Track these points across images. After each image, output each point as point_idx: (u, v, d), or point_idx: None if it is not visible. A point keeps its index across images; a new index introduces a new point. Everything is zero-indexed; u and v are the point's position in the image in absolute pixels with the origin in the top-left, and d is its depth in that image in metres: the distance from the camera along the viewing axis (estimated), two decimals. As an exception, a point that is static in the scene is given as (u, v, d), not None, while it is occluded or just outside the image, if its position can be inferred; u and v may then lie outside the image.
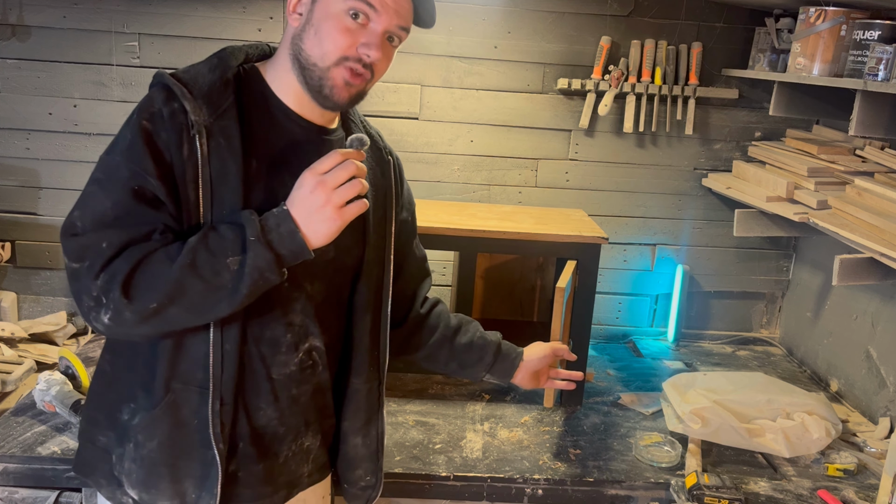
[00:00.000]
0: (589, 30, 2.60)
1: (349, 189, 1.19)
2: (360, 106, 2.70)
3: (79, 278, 1.15)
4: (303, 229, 1.18)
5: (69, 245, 1.16)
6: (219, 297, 1.17)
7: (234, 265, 1.15)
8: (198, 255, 1.14)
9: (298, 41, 1.24)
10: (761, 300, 2.90)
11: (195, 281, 1.14)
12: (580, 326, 2.20)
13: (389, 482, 1.88)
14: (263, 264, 1.16)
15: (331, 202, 1.18)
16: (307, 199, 1.18)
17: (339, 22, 1.20)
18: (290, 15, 1.25)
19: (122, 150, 1.17)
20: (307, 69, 1.23)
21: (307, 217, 1.18)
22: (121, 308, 1.13)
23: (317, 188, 1.18)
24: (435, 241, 2.15)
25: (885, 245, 1.85)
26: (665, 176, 2.74)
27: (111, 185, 1.17)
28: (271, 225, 1.18)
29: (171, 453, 1.28)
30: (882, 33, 1.88)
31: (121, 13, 2.50)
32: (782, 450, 2.00)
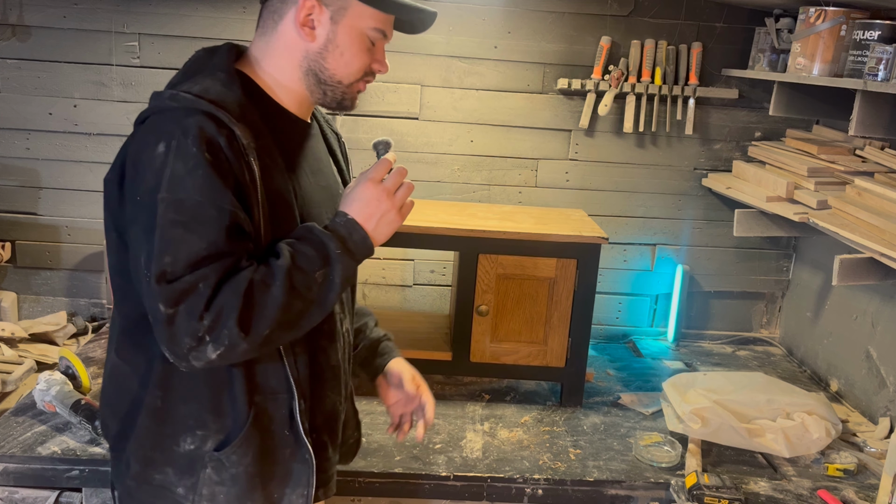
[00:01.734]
0: (589, 30, 2.60)
1: (405, 192, 1.30)
2: (361, 106, 2.72)
3: (174, 322, 1.14)
4: (371, 234, 1.27)
5: (165, 292, 1.14)
6: (313, 311, 1.23)
7: (321, 278, 1.21)
8: (294, 276, 1.19)
9: (319, 59, 1.29)
10: (761, 300, 2.90)
11: (296, 301, 1.19)
12: (580, 326, 2.20)
13: (389, 482, 1.88)
14: (351, 273, 1.26)
15: (394, 207, 1.28)
16: (372, 206, 1.27)
17: (365, 43, 1.30)
18: (301, 28, 1.26)
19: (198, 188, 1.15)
20: (330, 86, 1.31)
21: (374, 223, 1.27)
22: (236, 342, 1.15)
23: (381, 196, 1.27)
24: (435, 241, 2.16)
25: (885, 245, 1.85)
26: (665, 176, 2.74)
27: (200, 226, 1.15)
28: (345, 235, 1.25)
29: (267, 464, 1.32)
30: (882, 33, 1.88)
31: (121, 13, 2.50)
32: (782, 450, 2.00)
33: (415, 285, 2.78)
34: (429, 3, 2.74)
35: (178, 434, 1.29)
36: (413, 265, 2.76)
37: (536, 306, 2.19)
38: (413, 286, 2.78)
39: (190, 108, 1.18)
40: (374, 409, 2.18)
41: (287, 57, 1.29)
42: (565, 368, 2.24)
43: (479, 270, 2.16)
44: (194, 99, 1.19)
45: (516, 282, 2.17)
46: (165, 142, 1.16)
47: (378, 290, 2.77)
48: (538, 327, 2.21)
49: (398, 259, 2.74)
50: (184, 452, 1.29)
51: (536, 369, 2.24)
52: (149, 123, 1.21)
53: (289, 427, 1.32)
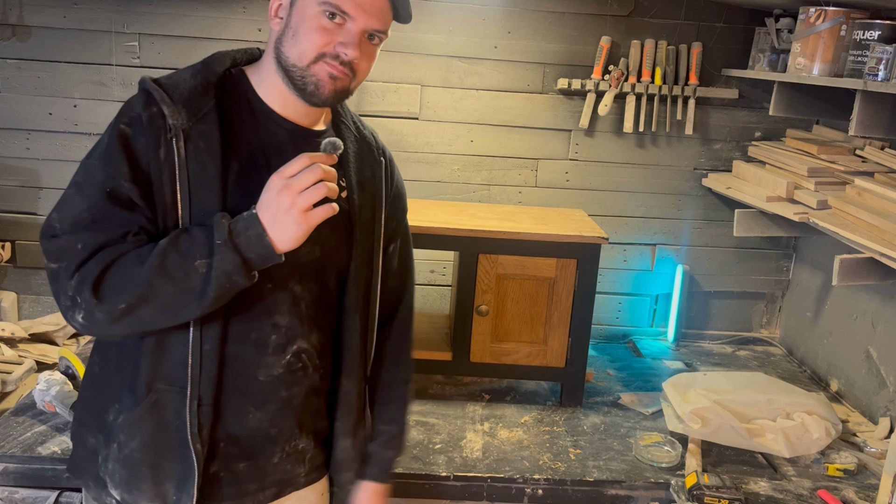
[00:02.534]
0: (589, 30, 2.60)
1: (314, 193, 1.17)
2: (361, 106, 2.71)
3: (57, 279, 1.18)
4: (269, 233, 1.17)
5: (48, 246, 1.20)
6: (188, 300, 1.17)
7: (202, 268, 1.16)
8: (168, 256, 1.16)
9: (279, 45, 1.26)
10: (761, 300, 2.90)
11: (164, 282, 1.16)
12: (580, 326, 2.20)
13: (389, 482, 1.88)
14: (230, 267, 1.16)
15: (296, 206, 1.16)
16: (273, 202, 1.17)
17: (316, 22, 1.22)
18: (272, 20, 1.27)
19: (100, 154, 1.21)
20: (289, 70, 1.25)
21: (273, 220, 1.17)
22: (91, 308, 1.16)
23: (282, 191, 1.17)
24: (435, 241, 2.15)
25: (885, 245, 1.85)
26: (665, 176, 2.74)
27: (88, 188, 1.20)
28: (240, 228, 1.17)
29: (153, 454, 1.28)
30: (882, 33, 1.88)
31: (121, 13, 2.50)
32: (782, 450, 2.00)
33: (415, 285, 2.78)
34: (428, 3, 2.74)
35: (107, 403, 1.31)
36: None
37: (536, 306, 2.19)
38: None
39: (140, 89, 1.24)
40: (374, 409, 2.18)
41: (268, 52, 1.29)
42: (565, 368, 2.24)
43: (479, 270, 2.16)
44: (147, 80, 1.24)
45: (516, 282, 2.17)
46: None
47: (378, 290, 2.77)
48: (538, 327, 2.21)
49: (398, 259, 2.74)
50: (108, 423, 1.30)
51: (536, 369, 2.24)
52: None
53: (182, 425, 1.25)
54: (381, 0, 1.25)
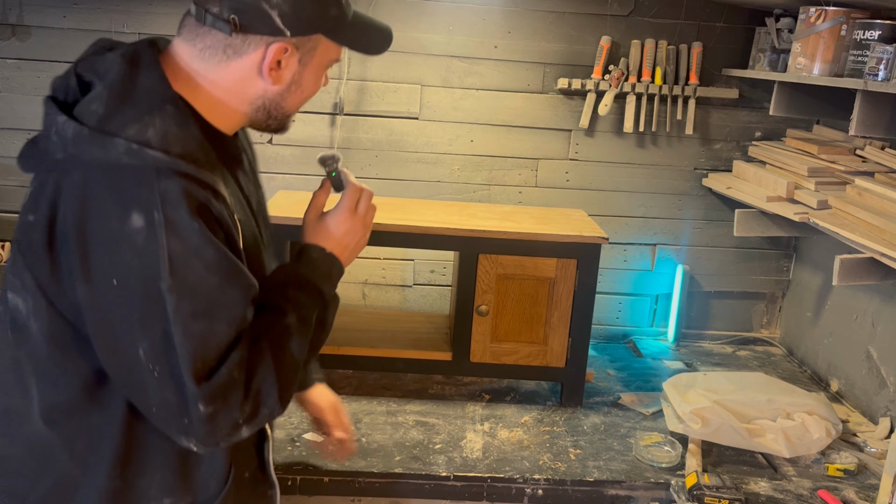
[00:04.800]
0: (589, 30, 2.60)
1: (373, 212, 1.30)
2: (361, 106, 2.71)
3: (215, 419, 1.03)
4: (342, 258, 1.26)
5: (203, 391, 1.01)
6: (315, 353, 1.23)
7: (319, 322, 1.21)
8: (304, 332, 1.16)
9: (278, 99, 1.15)
10: (761, 300, 2.90)
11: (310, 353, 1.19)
12: (580, 326, 2.20)
13: (389, 482, 1.88)
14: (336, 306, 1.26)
15: (368, 231, 1.30)
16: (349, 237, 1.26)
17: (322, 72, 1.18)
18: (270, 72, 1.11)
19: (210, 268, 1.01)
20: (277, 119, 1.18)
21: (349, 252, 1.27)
22: (274, 414, 1.10)
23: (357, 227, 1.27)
24: (435, 241, 2.15)
25: (886, 245, 1.85)
26: (665, 176, 2.74)
27: (225, 311, 1.04)
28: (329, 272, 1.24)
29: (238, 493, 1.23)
30: (882, 33, 1.88)
31: (121, 13, 2.50)
32: (782, 450, 2.00)
33: (415, 285, 2.78)
34: (428, 3, 2.75)
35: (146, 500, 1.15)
36: (413, 265, 2.76)
37: (536, 306, 2.19)
38: (413, 286, 2.78)
39: (160, 169, 0.99)
40: (373, 409, 2.18)
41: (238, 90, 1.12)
42: (565, 368, 2.24)
43: (479, 270, 2.16)
44: (164, 158, 0.99)
45: (516, 282, 2.17)
46: (142, 214, 0.97)
47: (378, 290, 2.77)
48: (538, 327, 2.21)
49: (398, 259, 2.74)
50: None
51: (536, 369, 2.24)
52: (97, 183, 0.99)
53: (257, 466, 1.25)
54: None
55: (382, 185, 2.67)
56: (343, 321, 2.43)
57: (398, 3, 2.54)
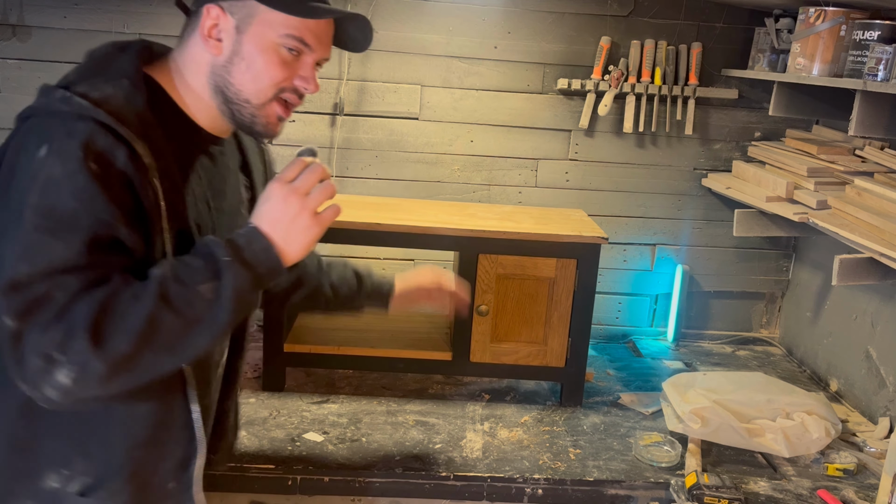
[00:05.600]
0: (589, 30, 2.60)
1: (323, 192, 1.12)
2: (361, 106, 2.71)
3: (21, 338, 0.99)
4: (279, 244, 1.10)
5: (11, 302, 0.99)
6: (196, 331, 1.06)
7: (208, 293, 1.05)
8: (168, 288, 1.04)
9: (224, 73, 1.15)
10: (761, 300, 2.90)
11: (169, 316, 1.03)
12: (580, 326, 2.20)
13: (389, 482, 1.88)
14: (245, 285, 1.07)
15: (306, 209, 1.11)
16: (279, 210, 1.10)
17: (276, 55, 1.14)
18: (206, 40, 1.14)
19: (76, 195, 1.02)
20: (237, 104, 1.16)
21: (282, 230, 1.10)
22: (87, 359, 0.99)
23: (288, 197, 1.10)
24: (435, 241, 2.16)
25: (885, 245, 1.85)
26: (665, 176, 2.74)
27: (70, 234, 1.02)
28: (242, 244, 1.09)
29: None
30: (882, 33, 1.88)
31: (121, 13, 2.50)
32: (782, 450, 2.00)
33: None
34: (428, 3, 2.74)
35: (42, 469, 1.15)
36: (413, 265, 2.76)
37: (536, 306, 2.19)
38: (413, 286, 2.78)
39: (83, 115, 1.05)
40: (373, 409, 2.18)
41: (196, 71, 1.17)
42: (565, 368, 2.24)
43: (479, 270, 2.16)
44: (90, 106, 1.05)
45: (516, 282, 2.17)
46: (48, 145, 1.04)
47: (378, 290, 2.77)
48: (538, 327, 2.21)
49: (398, 259, 2.74)
50: (47, 489, 1.15)
51: (536, 369, 2.24)
52: (33, 124, 1.08)
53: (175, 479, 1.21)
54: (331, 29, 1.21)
55: (382, 185, 2.67)
56: (343, 321, 2.44)
57: (398, 3, 2.54)
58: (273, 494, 1.88)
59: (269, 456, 1.90)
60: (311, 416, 2.11)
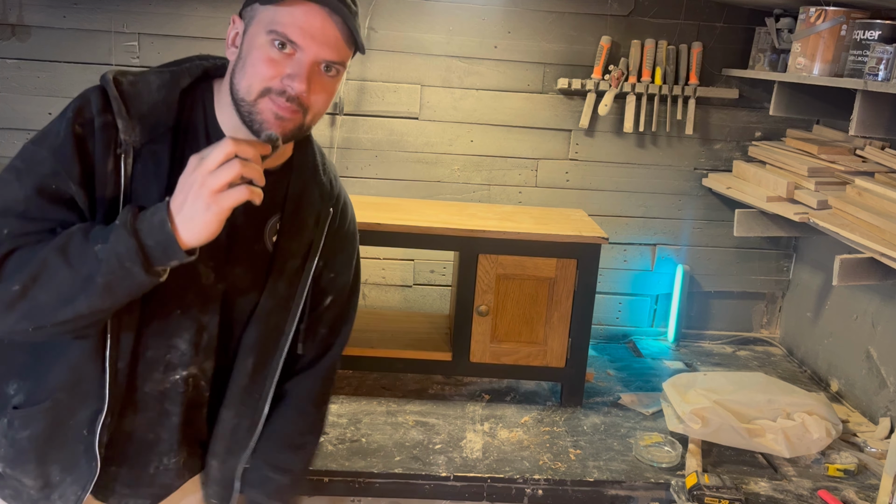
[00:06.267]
0: (589, 30, 2.60)
1: (226, 171, 1.04)
2: (361, 106, 2.71)
3: None
4: (177, 221, 1.06)
5: None
6: (78, 286, 1.07)
7: (100, 253, 1.07)
8: (72, 239, 1.09)
9: (232, 76, 1.18)
10: (761, 300, 2.90)
11: (60, 264, 1.07)
12: (580, 326, 2.20)
13: (389, 482, 1.88)
14: (122, 251, 1.06)
15: (206, 185, 1.04)
16: (184, 183, 1.07)
17: (264, 52, 1.13)
18: (228, 49, 1.21)
19: (51, 147, 1.15)
20: (238, 103, 1.17)
21: (182, 204, 1.06)
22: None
23: (194, 171, 1.06)
24: (435, 241, 2.15)
25: (886, 245, 1.85)
26: (665, 176, 2.74)
27: (29, 177, 1.14)
28: (146, 214, 1.09)
29: (44, 445, 1.27)
30: (882, 33, 1.88)
31: (121, 13, 2.50)
32: (782, 450, 2.00)
33: (415, 285, 2.78)
34: (428, 3, 2.74)
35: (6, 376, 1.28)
36: (413, 265, 2.76)
37: (536, 306, 2.19)
38: (413, 286, 2.78)
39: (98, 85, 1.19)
40: (373, 409, 2.18)
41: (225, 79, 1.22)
42: (565, 368, 2.24)
43: (479, 270, 2.16)
44: (108, 79, 1.18)
45: (516, 282, 2.17)
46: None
47: (378, 290, 2.77)
48: (538, 327, 2.21)
49: (398, 259, 2.74)
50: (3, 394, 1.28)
51: (536, 369, 2.24)
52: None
53: (87, 429, 1.26)
54: (332, 29, 1.14)
55: (382, 185, 2.67)
56: (343, 321, 2.43)
57: (398, 3, 2.54)
58: (273, 495, 1.88)
59: (268, 456, 1.90)
60: (311, 417, 2.10)
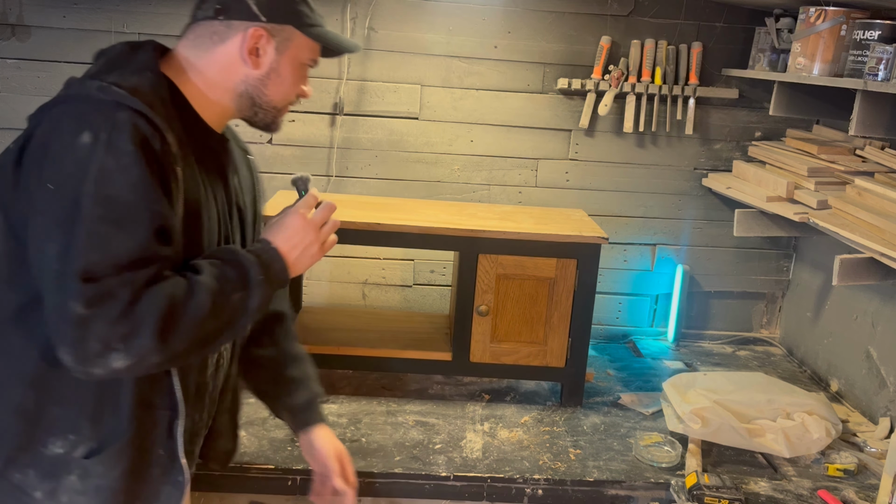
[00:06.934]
0: (589, 30, 2.60)
1: (331, 227, 1.33)
2: (361, 106, 2.71)
3: (87, 325, 1.08)
4: (290, 265, 1.29)
5: (83, 290, 1.07)
6: (225, 333, 1.23)
7: (237, 302, 1.21)
8: (216, 296, 1.18)
9: (260, 85, 1.31)
10: (761, 300, 2.90)
11: (214, 321, 1.18)
12: (580, 326, 2.20)
13: (389, 482, 1.88)
14: (265, 301, 1.25)
15: (318, 241, 1.31)
16: (297, 237, 1.29)
17: (303, 71, 1.35)
18: (248, 57, 1.28)
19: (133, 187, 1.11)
20: (265, 110, 1.34)
21: (297, 255, 1.29)
22: (147, 353, 1.11)
23: (307, 229, 1.30)
24: (435, 241, 2.15)
25: (885, 245, 1.85)
26: (665, 176, 2.74)
27: (132, 225, 1.11)
28: (267, 262, 1.26)
29: (135, 480, 1.27)
30: (882, 33, 1.88)
31: (121, 13, 2.50)
32: (782, 450, 2.00)
33: (415, 285, 2.78)
34: (428, 3, 2.76)
35: (47, 436, 1.23)
36: (413, 265, 2.76)
37: (536, 306, 2.19)
38: (413, 286, 2.78)
39: (121, 104, 1.14)
40: (373, 409, 2.18)
41: (223, 77, 1.30)
42: (565, 368, 2.24)
43: (479, 270, 2.16)
44: (126, 95, 1.15)
45: (516, 282, 2.17)
46: (92, 133, 1.11)
47: (378, 290, 2.77)
48: (538, 327, 2.21)
49: (398, 259, 2.74)
50: (50, 455, 1.23)
51: (536, 369, 2.24)
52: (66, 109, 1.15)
53: (165, 446, 1.29)
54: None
55: (382, 185, 2.67)
56: (343, 321, 2.44)
57: (398, 3, 2.54)
58: (273, 494, 1.88)
59: (269, 456, 1.90)
60: (311, 417, 2.11)
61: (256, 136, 2.59)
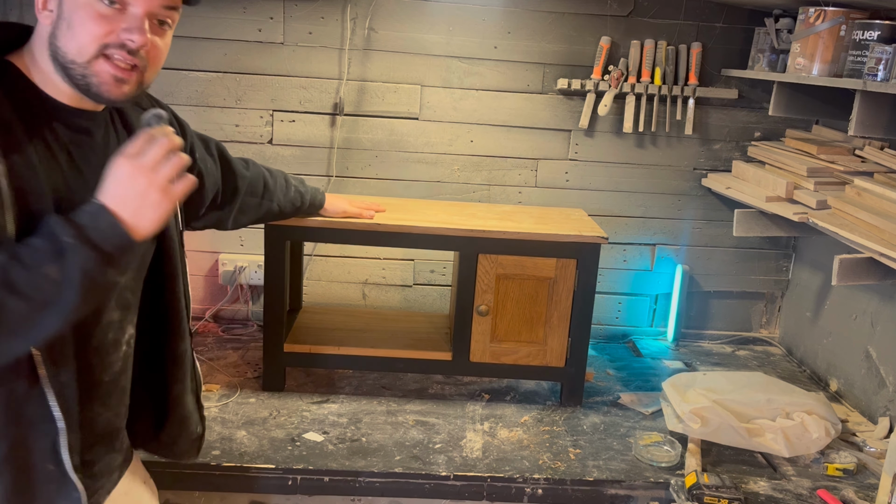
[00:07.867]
0: (589, 30, 2.60)
1: (172, 167, 1.11)
2: (361, 106, 2.71)
3: None
4: (127, 220, 1.08)
5: None
6: (45, 314, 1.05)
7: (54, 274, 1.04)
8: (11, 272, 1.02)
9: (54, 40, 1.14)
10: (761, 300, 2.90)
11: (14, 300, 1.03)
12: (580, 326, 2.20)
13: (389, 482, 1.88)
14: (90, 264, 1.06)
15: (153, 185, 1.09)
16: (125, 186, 1.09)
17: (92, 9, 1.12)
18: (40, 13, 1.16)
19: None
20: (68, 68, 1.14)
21: (131, 206, 1.09)
22: None
23: (135, 174, 1.09)
24: (435, 241, 2.16)
25: (885, 245, 1.85)
26: (665, 176, 2.74)
27: None
28: (85, 222, 1.07)
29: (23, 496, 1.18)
30: (881, 33, 1.88)
31: (121, 13, 2.50)
32: (782, 449, 2.01)
33: (415, 285, 2.78)
34: (428, 3, 2.75)
35: None
36: (413, 265, 2.76)
37: (536, 306, 2.19)
38: (413, 286, 2.78)
39: None
40: (373, 409, 2.18)
41: (42, 46, 1.16)
42: (565, 368, 2.24)
43: (479, 270, 2.16)
44: None
45: (516, 282, 2.18)
46: None
47: (378, 290, 2.77)
48: (538, 327, 2.21)
49: (398, 259, 2.75)
50: None
51: (536, 369, 2.24)
52: None
53: (52, 461, 1.18)
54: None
55: (382, 185, 2.68)
56: (343, 321, 2.44)
57: (398, 4, 2.54)
58: (273, 494, 1.88)
59: (269, 456, 1.90)
60: (311, 416, 2.11)
61: (256, 136, 2.59)
